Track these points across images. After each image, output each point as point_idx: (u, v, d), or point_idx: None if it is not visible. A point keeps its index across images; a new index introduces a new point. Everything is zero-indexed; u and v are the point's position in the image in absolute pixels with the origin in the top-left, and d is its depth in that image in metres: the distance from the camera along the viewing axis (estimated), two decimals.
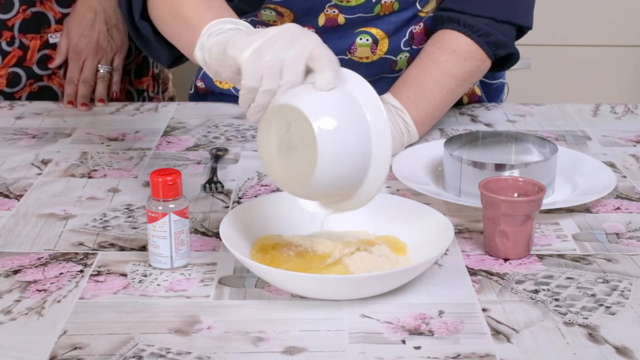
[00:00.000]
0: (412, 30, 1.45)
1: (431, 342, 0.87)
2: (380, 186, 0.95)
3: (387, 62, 1.47)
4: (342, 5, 1.39)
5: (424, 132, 1.38)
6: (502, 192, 1.04)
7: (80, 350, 0.85)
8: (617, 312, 0.92)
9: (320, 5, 1.40)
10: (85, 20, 1.60)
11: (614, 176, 1.22)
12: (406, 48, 1.46)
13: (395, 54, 1.46)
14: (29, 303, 0.94)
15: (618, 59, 2.67)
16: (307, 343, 0.86)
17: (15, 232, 1.10)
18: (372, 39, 1.44)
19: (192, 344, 0.86)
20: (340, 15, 1.40)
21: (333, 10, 1.40)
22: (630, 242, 1.08)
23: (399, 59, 1.47)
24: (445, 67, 1.36)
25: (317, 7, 1.40)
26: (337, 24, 1.41)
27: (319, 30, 1.42)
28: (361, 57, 1.45)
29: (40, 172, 1.29)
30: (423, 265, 0.94)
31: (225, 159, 1.34)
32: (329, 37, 1.43)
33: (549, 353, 0.85)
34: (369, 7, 1.40)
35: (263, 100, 0.93)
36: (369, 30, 1.43)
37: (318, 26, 1.42)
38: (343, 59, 1.46)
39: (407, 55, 1.47)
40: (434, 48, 1.38)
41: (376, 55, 1.45)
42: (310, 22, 1.42)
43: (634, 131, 1.47)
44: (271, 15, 1.42)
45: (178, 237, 0.99)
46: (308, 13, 1.41)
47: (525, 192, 1.05)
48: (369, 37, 1.44)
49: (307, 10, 1.40)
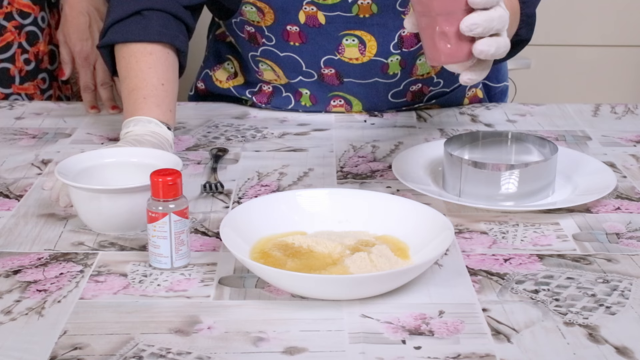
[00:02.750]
0: (401, 34, 1.44)
1: (431, 342, 0.87)
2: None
3: (379, 64, 1.47)
4: (320, 2, 1.39)
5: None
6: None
7: (81, 351, 0.85)
8: (617, 312, 0.92)
9: (297, 2, 1.40)
10: (81, 24, 1.59)
11: (614, 176, 1.22)
12: (396, 51, 1.46)
13: (385, 56, 1.46)
14: (29, 303, 0.94)
15: (618, 59, 2.67)
16: (307, 343, 0.86)
17: (15, 232, 1.10)
18: (358, 40, 1.44)
19: (192, 344, 0.86)
20: (319, 12, 1.40)
21: (311, 7, 1.40)
22: (631, 242, 1.08)
23: (390, 62, 1.47)
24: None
25: (295, 3, 1.40)
26: (319, 23, 1.41)
27: (302, 29, 1.43)
28: (350, 57, 1.45)
29: (40, 172, 1.29)
30: (423, 265, 0.94)
31: (225, 159, 1.34)
32: (314, 37, 1.44)
33: (549, 353, 0.85)
34: (347, 6, 1.40)
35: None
36: (353, 32, 1.43)
37: (300, 24, 1.42)
38: (333, 59, 1.46)
39: (398, 58, 1.47)
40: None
41: (366, 56, 1.45)
42: (291, 20, 1.42)
43: (634, 131, 1.47)
44: (252, 11, 1.42)
45: (178, 237, 0.99)
46: (287, 10, 1.41)
47: None
48: (354, 38, 1.44)
49: (286, 6, 1.41)
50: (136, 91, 1.30)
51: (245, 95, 1.58)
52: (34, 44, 1.65)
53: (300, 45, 1.45)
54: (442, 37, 0.96)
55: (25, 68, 1.64)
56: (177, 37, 1.36)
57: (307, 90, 1.52)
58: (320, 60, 1.46)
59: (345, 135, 1.45)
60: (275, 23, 1.43)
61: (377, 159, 1.35)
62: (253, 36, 1.47)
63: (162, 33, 1.34)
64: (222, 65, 1.60)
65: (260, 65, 1.52)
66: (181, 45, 1.36)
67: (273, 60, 1.49)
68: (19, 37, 1.63)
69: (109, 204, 1.06)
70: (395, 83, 1.51)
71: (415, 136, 1.44)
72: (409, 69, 1.49)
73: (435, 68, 1.51)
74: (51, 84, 1.69)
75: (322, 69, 1.48)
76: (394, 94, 1.53)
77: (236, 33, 1.51)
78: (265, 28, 1.44)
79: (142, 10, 1.35)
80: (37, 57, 1.66)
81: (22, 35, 1.63)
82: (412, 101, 1.56)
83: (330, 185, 1.25)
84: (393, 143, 1.41)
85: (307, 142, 1.42)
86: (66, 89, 1.74)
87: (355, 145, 1.40)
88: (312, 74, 1.49)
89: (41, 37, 1.66)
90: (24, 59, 1.64)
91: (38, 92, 1.66)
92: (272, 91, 1.55)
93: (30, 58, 1.65)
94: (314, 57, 1.46)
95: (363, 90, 1.51)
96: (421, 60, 1.49)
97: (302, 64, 1.48)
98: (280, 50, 1.47)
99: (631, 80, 2.69)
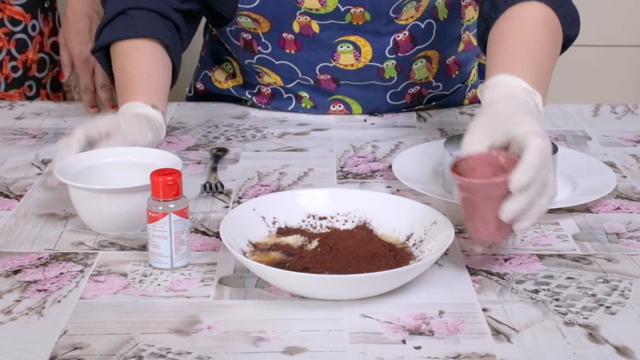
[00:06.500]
0: (396, 38, 1.44)
1: (431, 342, 0.87)
2: None
3: (374, 69, 1.47)
4: (313, 12, 1.39)
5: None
6: (478, 171, 0.95)
7: (81, 350, 0.85)
8: (617, 312, 0.92)
9: (291, 13, 1.40)
10: (81, 27, 1.58)
11: (614, 176, 1.22)
12: (391, 56, 1.45)
13: (380, 61, 1.46)
14: (29, 303, 0.94)
15: (618, 59, 2.66)
16: (307, 343, 0.86)
17: (15, 232, 1.10)
18: (353, 46, 1.44)
19: (192, 344, 0.86)
20: (313, 22, 1.40)
21: (305, 18, 1.40)
22: (631, 242, 1.08)
23: (386, 67, 1.47)
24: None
25: (288, 14, 1.40)
26: (314, 32, 1.42)
27: (297, 38, 1.43)
28: (346, 64, 1.45)
29: (40, 172, 1.29)
30: (423, 265, 0.94)
31: (225, 159, 1.34)
32: (309, 45, 1.44)
33: (549, 353, 0.85)
34: (339, 15, 1.40)
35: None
36: (348, 38, 1.43)
37: (295, 33, 1.42)
38: (328, 66, 1.46)
39: (394, 63, 1.46)
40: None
41: (361, 62, 1.45)
42: (285, 29, 1.42)
43: (634, 131, 1.47)
44: (248, 22, 1.42)
45: (178, 237, 0.99)
46: (281, 20, 1.41)
47: (502, 167, 0.96)
48: (349, 44, 1.43)
49: (279, 17, 1.41)
50: (125, 86, 1.30)
51: (245, 95, 1.58)
52: (23, 51, 1.66)
53: (296, 52, 1.45)
54: (482, 220, 0.95)
55: (12, 75, 1.64)
56: (163, 32, 1.36)
57: (306, 93, 1.52)
58: (316, 68, 1.46)
59: (345, 135, 1.45)
60: (272, 30, 1.43)
61: (377, 159, 1.35)
62: (249, 44, 1.47)
63: (147, 28, 1.35)
64: (221, 66, 1.60)
65: (258, 71, 1.52)
66: (167, 40, 1.36)
67: (269, 67, 1.49)
68: (8, 45, 1.63)
69: (109, 204, 1.06)
70: (393, 85, 1.50)
71: (415, 136, 1.44)
72: (405, 73, 1.49)
73: (432, 72, 1.51)
74: (38, 91, 1.70)
75: (317, 76, 1.48)
76: (393, 96, 1.52)
77: (231, 41, 1.51)
78: (262, 35, 1.44)
79: (127, 9, 1.37)
80: (25, 64, 1.66)
81: (11, 43, 1.64)
82: (412, 103, 1.55)
83: (330, 185, 1.25)
84: (393, 143, 1.41)
85: (307, 142, 1.42)
86: (56, 97, 1.74)
87: (355, 145, 1.40)
88: (308, 80, 1.49)
89: (30, 45, 1.66)
90: (12, 66, 1.64)
91: (24, 99, 1.66)
92: (272, 93, 1.55)
93: (18, 65, 1.65)
94: (309, 65, 1.46)
95: (361, 93, 1.51)
96: (417, 65, 1.49)
97: (298, 72, 1.48)
98: (276, 58, 1.47)
99: (631, 80, 2.69)
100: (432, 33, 1.46)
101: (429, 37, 1.46)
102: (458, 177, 0.94)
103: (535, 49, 1.15)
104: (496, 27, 1.20)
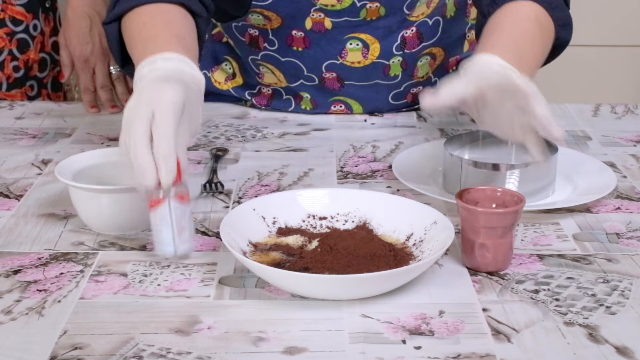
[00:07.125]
0: (404, 35, 1.44)
1: (431, 342, 0.87)
2: None
3: (380, 66, 1.47)
4: (328, 9, 1.39)
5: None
6: (480, 203, 1.01)
7: (81, 350, 0.85)
8: (617, 312, 0.92)
9: (305, 9, 1.40)
10: (82, 28, 1.58)
11: (614, 176, 1.22)
12: (398, 52, 1.46)
13: (387, 58, 1.46)
14: (29, 303, 0.94)
15: (618, 59, 2.66)
16: (307, 343, 0.86)
17: (15, 232, 1.10)
18: (362, 44, 1.44)
19: (192, 344, 0.86)
20: (326, 19, 1.40)
21: (319, 14, 1.40)
22: (631, 242, 1.08)
23: (392, 64, 1.47)
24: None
25: (303, 10, 1.40)
26: (325, 28, 1.41)
27: (306, 34, 1.43)
28: (353, 61, 1.45)
29: (40, 172, 1.29)
30: (423, 265, 0.94)
31: (225, 159, 1.34)
32: (318, 42, 1.44)
33: (549, 353, 0.85)
34: (355, 11, 1.39)
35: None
36: (357, 35, 1.43)
37: (306, 30, 1.42)
38: (335, 63, 1.46)
39: (400, 60, 1.47)
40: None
41: (368, 59, 1.45)
42: (297, 26, 1.42)
43: (634, 131, 1.47)
44: (259, 19, 1.42)
45: (179, 222, 0.98)
46: (294, 17, 1.41)
47: (504, 202, 1.01)
48: (358, 42, 1.44)
49: (293, 14, 1.40)
50: (154, 38, 1.12)
51: (244, 96, 1.57)
52: (24, 51, 1.66)
53: (303, 50, 1.45)
54: (482, 247, 0.99)
55: (13, 75, 1.65)
56: (192, 1, 1.21)
57: (307, 94, 1.52)
58: (322, 65, 1.46)
59: (345, 135, 1.45)
60: (282, 27, 1.43)
61: (377, 159, 1.35)
62: (255, 40, 1.47)
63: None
64: (220, 66, 1.60)
65: (261, 68, 1.52)
66: (198, 9, 1.21)
67: (274, 64, 1.49)
68: (10, 44, 1.64)
69: (109, 204, 1.06)
70: (396, 85, 1.51)
71: (415, 136, 1.44)
72: (410, 71, 1.49)
73: (432, 68, 1.51)
74: (40, 91, 1.70)
75: (323, 74, 1.48)
76: (395, 95, 1.52)
77: (236, 36, 1.50)
78: (270, 31, 1.44)
79: None
80: (27, 64, 1.66)
81: (13, 43, 1.64)
82: (413, 102, 1.56)
83: (330, 185, 1.25)
84: (393, 143, 1.41)
85: (307, 142, 1.42)
86: (56, 97, 1.74)
87: (355, 145, 1.40)
88: (313, 78, 1.49)
89: (32, 45, 1.66)
90: (13, 66, 1.64)
91: (25, 99, 1.66)
92: (272, 94, 1.55)
93: (19, 65, 1.65)
94: (316, 62, 1.46)
95: (363, 93, 1.51)
96: (422, 62, 1.49)
97: (304, 69, 1.48)
98: (282, 55, 1.47)
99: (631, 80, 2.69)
100: (439, 30, 1.47)
101: (434, 34, 1.47)
102: (464, 205, 0.99)
103: (521, 38, 1.18)
104: (491, 19, 1.24)
